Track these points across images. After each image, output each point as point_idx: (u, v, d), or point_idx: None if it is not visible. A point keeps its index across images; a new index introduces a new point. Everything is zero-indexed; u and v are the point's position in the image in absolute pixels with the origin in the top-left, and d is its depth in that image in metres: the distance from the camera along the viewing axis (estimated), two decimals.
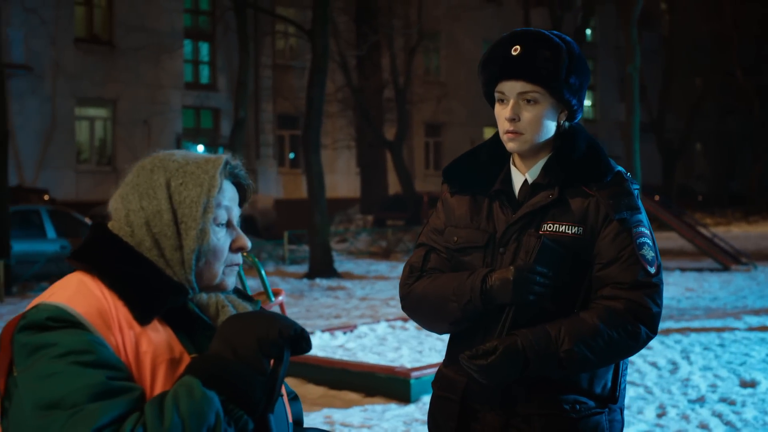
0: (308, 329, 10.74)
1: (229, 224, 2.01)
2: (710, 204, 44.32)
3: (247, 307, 2.04)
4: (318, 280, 17.86)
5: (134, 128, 29.54)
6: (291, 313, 13.28)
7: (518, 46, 2.67)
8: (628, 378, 8.35)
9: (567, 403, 2.69)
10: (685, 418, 6.97)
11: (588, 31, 44.76)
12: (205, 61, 32.63)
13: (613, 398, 2.76)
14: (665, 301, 13.08)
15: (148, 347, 1.84)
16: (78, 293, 1.85)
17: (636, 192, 2.76)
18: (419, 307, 2.85)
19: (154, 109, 30.01)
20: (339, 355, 9.01)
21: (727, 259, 19.24)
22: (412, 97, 35.08)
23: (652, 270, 2.67)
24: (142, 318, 1.86)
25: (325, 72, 17.84)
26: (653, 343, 10.09)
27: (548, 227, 2.69)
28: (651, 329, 2.66)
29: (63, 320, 1.79)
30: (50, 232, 17.67)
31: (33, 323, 1.79)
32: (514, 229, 2.73)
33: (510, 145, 2.74)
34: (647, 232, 2.72)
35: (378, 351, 9.56)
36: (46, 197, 23.13)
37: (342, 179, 35.72)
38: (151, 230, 1.94)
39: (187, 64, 31.89)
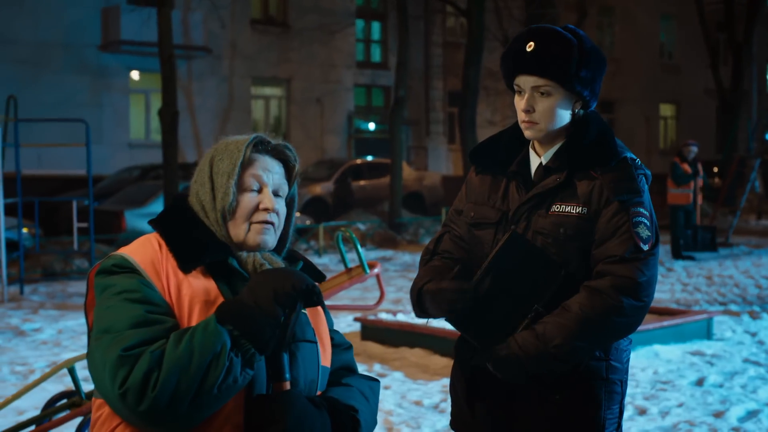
0: None
1: (261, 190, 2.41)
2: None
3: (281, 264, 2.42)
4: None
5: (307, 106, 30.43)
6: None
7: (532, 43, 2.89)
8: (753, 358, 8.32)
9: None
10: None
11: None
12: (377, 40, 33.25)
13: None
14: None
15: (188, 291, 2.29)
16: (140, 247, 2.35)
17: (641, 177, 2.92)
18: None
19: (326, 88, 30.82)
20: None
21: None
22: None
23: (645, 248, 2.83)
24: (184, 267, 2.31)
25: (481, 51, 18.02)
26: None
27: (556, 208, 2.91)
28: (635, 298, 2.80)
29: (124, 267, 2.29)
30: None
31: (104, 269, 2.31)
32: (525, 209, 2.96)
33: (527, 133, 2.98)
34: (645, 213, 2.88)
35: None
36: None
37: None
38: (200, 198, 2.41)
39: (359, 43, 32.56)
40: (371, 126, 32.38)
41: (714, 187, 25.87)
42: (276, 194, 2.43)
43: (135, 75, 27.08)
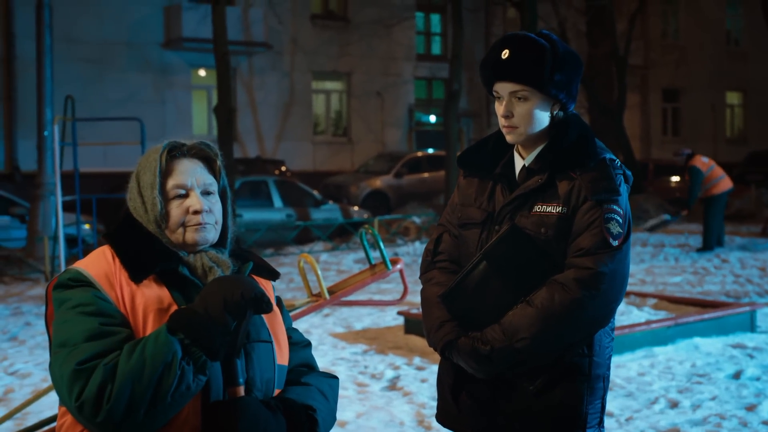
0: None
1: (187, 194, 2.50)
2: None
3: (229, 264, 2.53)
4: None
5: (368, 100, 30.63)
6: None
7: (507, 50, 3.00)
8: None
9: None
10: None
11: None
12: (437, 33, 33.29)
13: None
14: None
15: (141, 300, 2.38)
16: (94, 260, 2.46)
17: (619, 177, 3.00)
18: (422, 307, 3.24)
19: (387, 81, 30.97)
20: None
21: None
22: (647, 62, 34.36)
23: (615, 243, 2.90)
24: (135, 277, 2.41)
25: None
26: None
27: (538, 208, 3.00)
28: (595, 289, 2.86)
29: (79, 280, 2.39)
30: (277, 202, 18.75)
31: (60, 283, 2.41)
32: (508, 210, 3.05)
33: (508, 138, 3.08)
34: (620, 210, 2.95)
35: None
36: (283, 168, 24.42)
37: None
38: (137, 213, 2.52)
39: (419, 36, 32.65)
40: (432, 118, 32.46)
41: None
42: (207, 192, 2.52)
43: (202, 72, 27.48)
